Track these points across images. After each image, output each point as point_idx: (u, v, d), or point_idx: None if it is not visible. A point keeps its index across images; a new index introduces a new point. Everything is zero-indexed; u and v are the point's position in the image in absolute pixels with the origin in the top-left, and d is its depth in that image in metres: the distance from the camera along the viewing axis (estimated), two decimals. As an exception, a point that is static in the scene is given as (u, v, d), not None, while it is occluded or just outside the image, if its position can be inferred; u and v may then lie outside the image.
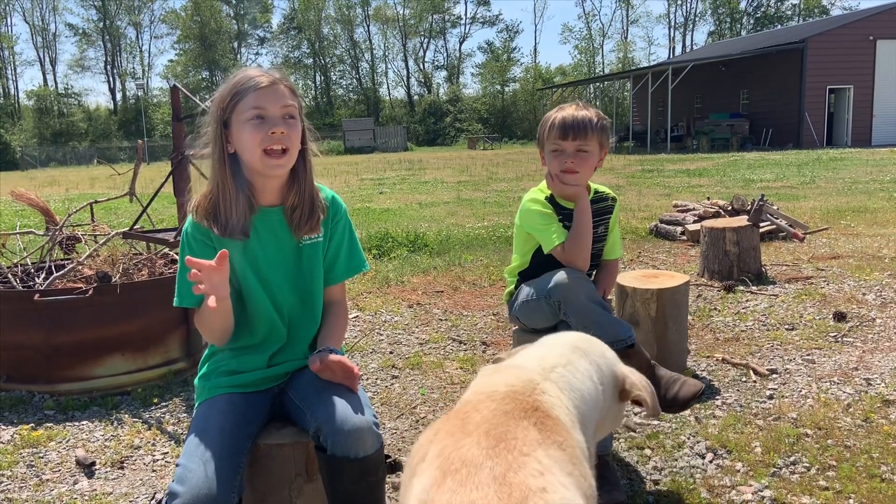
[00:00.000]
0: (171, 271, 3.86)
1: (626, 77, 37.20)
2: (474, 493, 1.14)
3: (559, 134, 2.34)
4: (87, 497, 2.46)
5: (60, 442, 2.90)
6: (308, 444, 1.74)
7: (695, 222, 6.92)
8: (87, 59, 64.57)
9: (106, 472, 2.65)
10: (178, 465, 1.59)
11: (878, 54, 26.78)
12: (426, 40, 61.98)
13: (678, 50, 60.03)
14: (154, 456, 2.77)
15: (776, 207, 7.19)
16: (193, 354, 3.63)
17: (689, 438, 2.71)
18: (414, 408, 3.15)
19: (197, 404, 1.83)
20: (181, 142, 3.84)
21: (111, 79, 60.83)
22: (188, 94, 3.96)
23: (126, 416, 3.16)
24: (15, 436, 2.95)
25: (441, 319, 4.57)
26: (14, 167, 40.42)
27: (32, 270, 3.93)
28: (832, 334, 3.89)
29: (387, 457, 1.77)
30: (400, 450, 2.74)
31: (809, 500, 2.24)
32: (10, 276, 3.73)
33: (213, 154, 1.76)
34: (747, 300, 4.66)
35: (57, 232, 4.09)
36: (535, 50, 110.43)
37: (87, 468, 2.66)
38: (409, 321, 4.55)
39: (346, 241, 1.94)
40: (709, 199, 8.24)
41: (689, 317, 4.12)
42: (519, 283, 2.57)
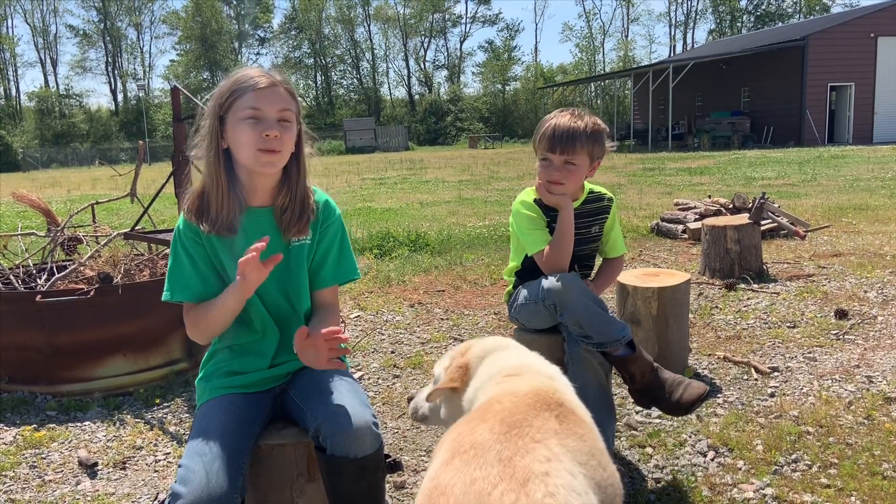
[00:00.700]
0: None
1: (627, 75, 37.15)
2: (477, 472, 1.19)
3: (547, 146, 2.37)
4: (89, 498, 2.47)
5: (63, 443, 2.91)
6: (309, 445, 1.75)
7: (696, 220, 6.91)
8: (87, 60, 64.94)
9: (108, 472, 2.65)
10: (180, 466, 1.59)
11: (879, 51, 26.72)
12: (427, 40, 62.04)
13: (679, 48, 60.05)
14: (156, 456, 2.77)
15: (777, 205, 7.18)
16: (195, 355, 3.63)
17: (690, 436, 2.71)
18: (415, 407, 3.15)
19: (199, 405, 1.84)
20: (182, 143, 3.85)
21: (112, 80, 60.95)
22: (189, 94, 3.96)
23: (128, 416, 3.17)
24: (17, 437, 2.95)
25: (442, 319, 4.57)
26: (15, 168, 40.50)
27: (34, 271, 3.94)
28: (833, 332, 3.89)
29: (387, 456, 1.77)
30: (401, 450, 2.74)
31: (811, 498, 2.24)
32: (11, 277, 3.73)
33: (209, 148, 1.77)
34: (748, 298, 4.65)
35: (58, 233, 4.10)
36: (536, 49, 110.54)
37: (90, 469, 2.67)
38: (411, 321, 4.55)
39: (337, 246, 1.92)
40: (710, 197, 8.23)
41: (691, 315, 4.12)
42: (517, 283, 2.58)
